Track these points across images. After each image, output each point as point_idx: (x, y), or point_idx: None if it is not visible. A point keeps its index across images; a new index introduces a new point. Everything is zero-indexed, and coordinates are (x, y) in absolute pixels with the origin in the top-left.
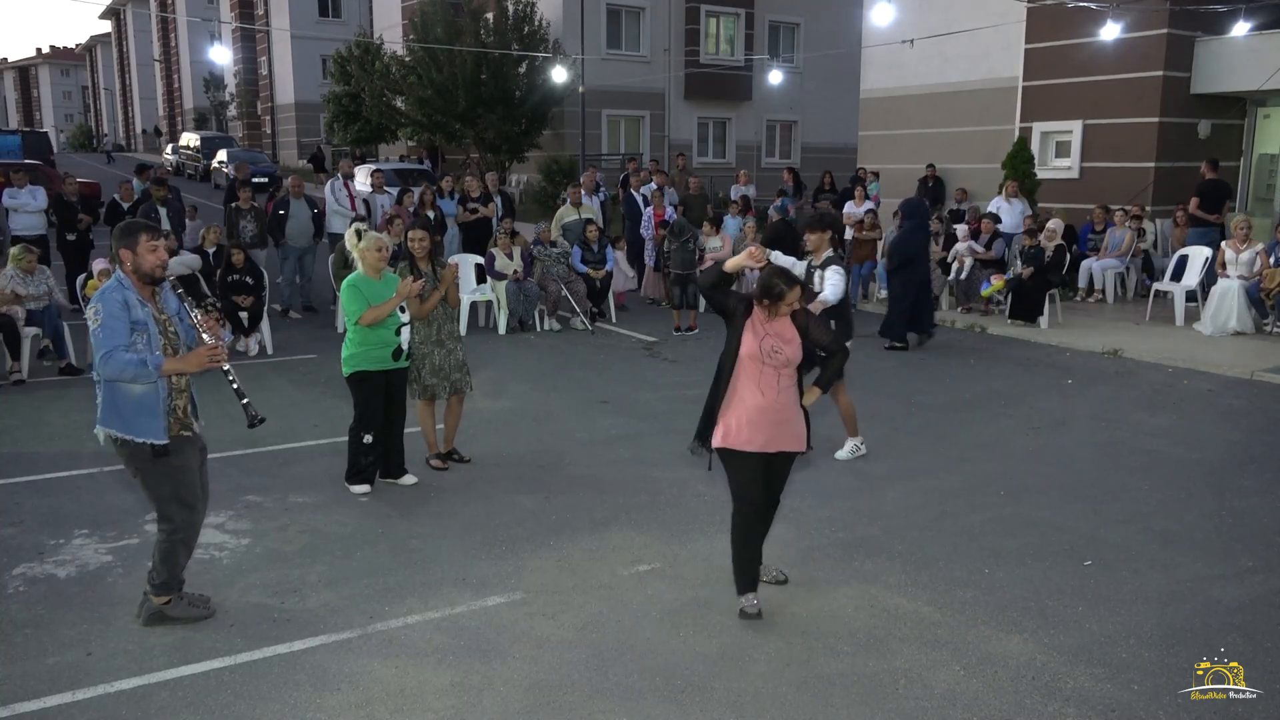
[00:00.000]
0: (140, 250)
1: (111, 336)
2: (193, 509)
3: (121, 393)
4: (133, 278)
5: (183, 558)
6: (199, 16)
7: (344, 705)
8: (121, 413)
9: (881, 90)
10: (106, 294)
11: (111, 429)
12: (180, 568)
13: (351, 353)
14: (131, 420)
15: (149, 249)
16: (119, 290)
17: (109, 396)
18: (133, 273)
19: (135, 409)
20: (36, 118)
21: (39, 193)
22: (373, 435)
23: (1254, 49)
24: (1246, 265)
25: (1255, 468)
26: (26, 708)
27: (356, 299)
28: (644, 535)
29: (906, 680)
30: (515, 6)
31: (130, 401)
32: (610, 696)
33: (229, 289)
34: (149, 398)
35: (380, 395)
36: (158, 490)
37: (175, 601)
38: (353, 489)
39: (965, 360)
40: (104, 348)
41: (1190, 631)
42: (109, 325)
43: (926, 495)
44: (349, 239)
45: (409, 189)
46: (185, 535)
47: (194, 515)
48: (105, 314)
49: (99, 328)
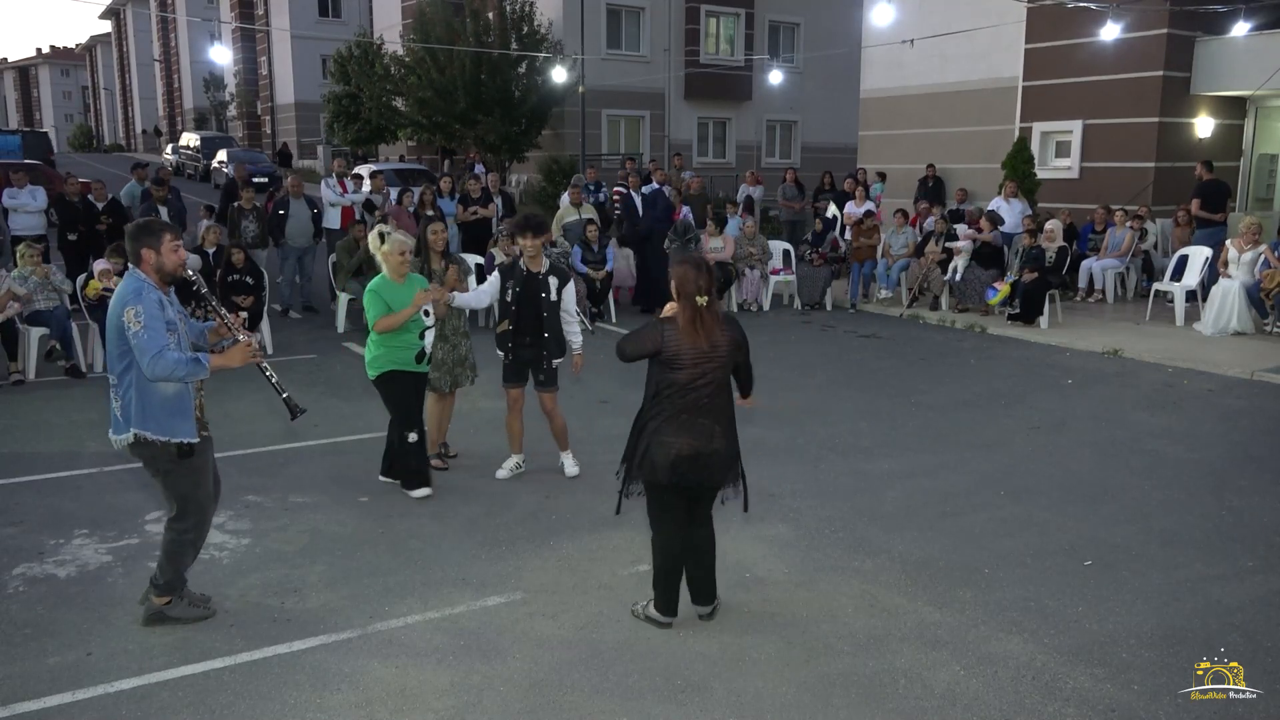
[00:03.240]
0: (164, 250)
1: (156, 337)
2: (206, 509)
3: (156, 394)
4: (154, 277)
5: (189, 558)
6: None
7: (344, 705)
8: (155, 414)
9: (881, 90)
10: (143, 295)
11: (146, 430)
12: (185, 568)
13: (376, 354)
14: (166, 421)
15: (172, 249)
16: (152, 290)
17: (142, 399)
18: (154, 272)
19: (169, 410)
20: (36, 118)
21: (39, 193)
22: (417, 433)
23: (1254, 49)
24: (1249, 265)
25: (1255, 468)
26: (26, 708)
27: (377, 304)
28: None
29: (906, 680)
30: (515, 6)
31: (165, 402)
32: (610, 696)
33: (229, 289)
34: (182, 398)
35: (413, 392)
36: (179, 489)
37: (176, 602)
38: (414, 494)
39: (965, 360)
40: (153, 348)
41: (1190, 631)
42: (152, 326)
43: (926, 495)
44: (372, 242)
45: (409, 189)
46: (195, 535)
47: (206, 515)
48: (147, 315)
49: (142, 329)
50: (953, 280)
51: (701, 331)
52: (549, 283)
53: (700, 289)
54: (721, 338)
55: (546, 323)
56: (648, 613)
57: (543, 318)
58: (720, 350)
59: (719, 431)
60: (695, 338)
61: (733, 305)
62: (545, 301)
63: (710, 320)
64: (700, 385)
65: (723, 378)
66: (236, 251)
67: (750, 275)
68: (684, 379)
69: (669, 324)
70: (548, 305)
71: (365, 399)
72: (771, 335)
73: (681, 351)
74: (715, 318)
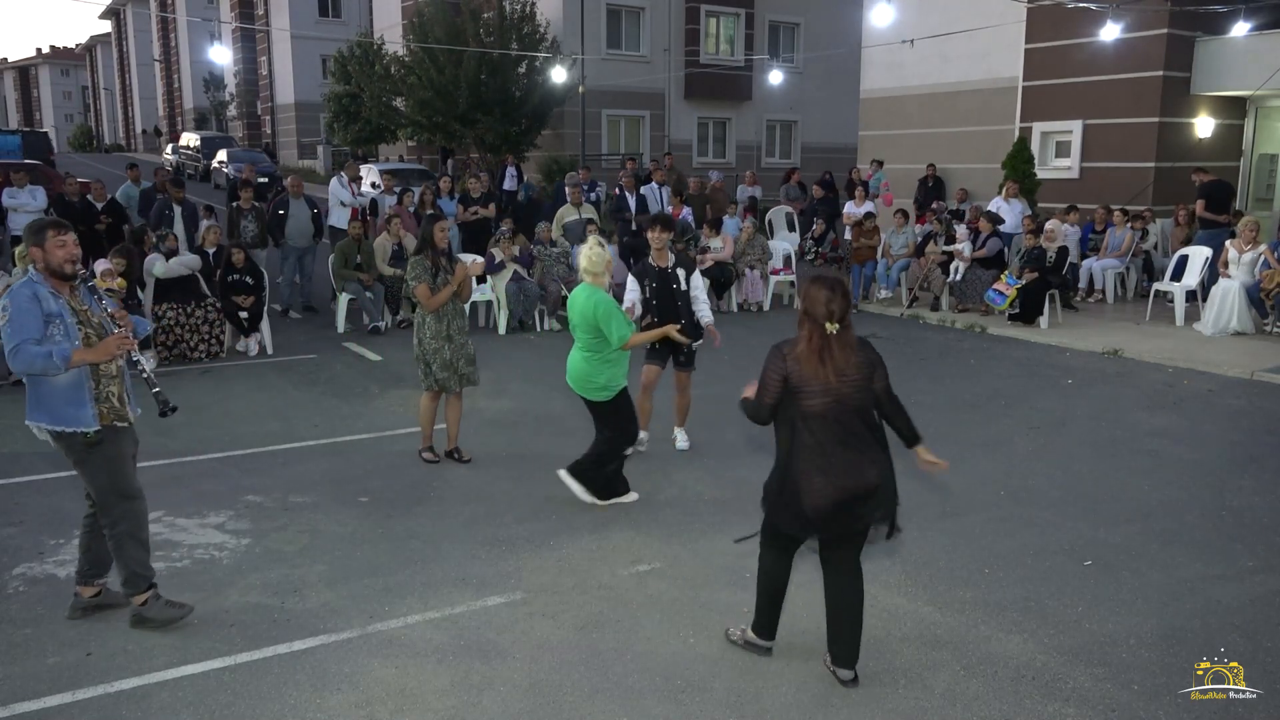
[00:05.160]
0: (49, 247)
1: (19, 330)
2: (132, 499)
3: (46, 384)
4: (44, 273)
5: (135, 551)
6: (199, 16)
7: (344, 705)
8: (47, 404)
9: (881, 90)
10: (14, 290)
11: (39, 421)
12: (137, 561)
13: (611, 374)
14: (59, 411)
15: (56, 245)
16: (28, 285)
17: (33, 390)
18: (44, 269)
19: (62, 399)
20: (36, 118)
21: (39, 192)
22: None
23: (1254, 49)
24: (1249, 266)
25: (1255, 468)
26: (26, 708)
27: (618, 314)
28: (644, 535)
29: (906, 680)
30: (515, 6)
31: (56, 392)
32: (610, 696)
33: (229, 289)
34: (74, 387)
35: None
36: (96, 481)
37: (152, 601)
38: (626, 499)
39: (965, 360)
40: (11, 341)
41: (1190, 631)
42: (16, 320)
43: (926, 495)
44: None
45: (409, 189)
46: (130, 527)
47: (134, 505)
48: (13, 309)
49: (6, 323)
50: (953, 281)
51: (829, 363)
52: (678, 274)
53: (832, 314)
54: (849, 364)
55: (682, 310)
56: (747, 638)
57: (678, 307)
58: (849, 376)
59: (869, 461)
60: (820, 368)
61: (732, 305)
62: (677, 292)
63: (840, 351)
64: (844, 413)
65: (865, 402)
66: (236, 251)
67: (750, 275)
68: (818, 406)
69: (789, 347)
70: (680, 295)
71: (365, 399)
72: (772, 336)
73: (806, 380)
74: (847, 347)
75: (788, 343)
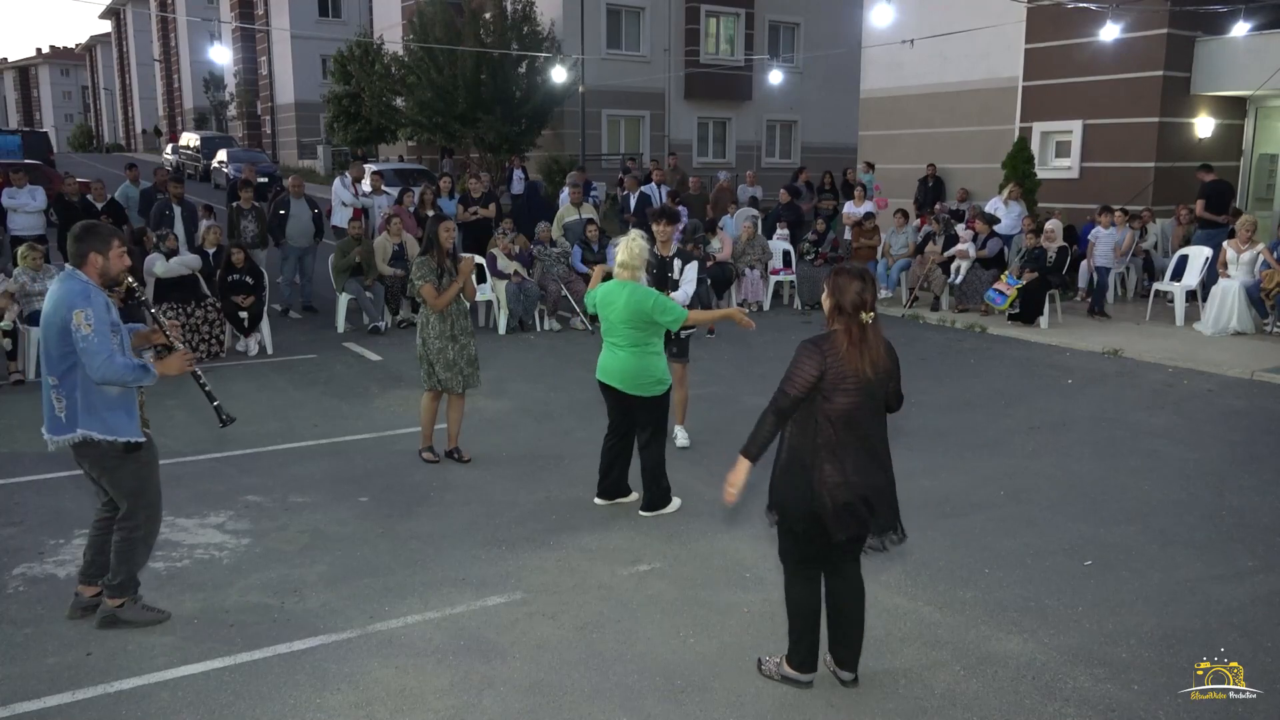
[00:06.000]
0: (112, 255)
1: (106, 341)
2: (154, 505)
3: (102, 394)
4: (96, 280)
5: (141, 556)
6: (199, 16)
7: (344, 705)
8: (101, 414)
9: (881, 90)
10: (91, 298)
11: (92, 431)
12: (138, 567)
13: (663, 362)
14: (112, 420)
15: (119, 254)
16: (98, 293)
17: (88, 399)
18: (98, 275)
19: (115, 410)
20: (36, 118)
21: (38, 192)
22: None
23: (1254, 49)
24: (1248, 265)
25: (1255, 468)
26: (26, 708)
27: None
28: (644, 535)
29: (906, 680)
30: (515, 6)
31: (110, 402)
32: (610, 696)
33: (229, 289)
34: (127, 398)
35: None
36: (127, 486)
37: (129, 605)
38: (626, 500)
39: (965, 360)
40: (104, 352)
41: (1190, 631)
42: (101, 330)
43: (926, 495)
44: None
45: (409, 189)
46: (146, 532)
47: (156, 511)
48: (96, 319)
49: (93, 333)
50: (953, 281)
51: (867, 355)
52: (674, 263)
53: (865, 303)
54: (880, 356)
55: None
56: (783, 672)
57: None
58: (882, 372)
59: (878, 467)
60: (859, 361)
61: (733, 305)
62: (671, 281)
63: (875, 340)
64: (864, 414)
65: (884, 397)
66: (236, 251)
67: (751, 275)
68: (844, 405)
69: (826, 343)
70: (672, 284)
71: (365, 399)
72: (772, 335)
73: (845, 376)
74: (879, 337)
75: (823, 338)
